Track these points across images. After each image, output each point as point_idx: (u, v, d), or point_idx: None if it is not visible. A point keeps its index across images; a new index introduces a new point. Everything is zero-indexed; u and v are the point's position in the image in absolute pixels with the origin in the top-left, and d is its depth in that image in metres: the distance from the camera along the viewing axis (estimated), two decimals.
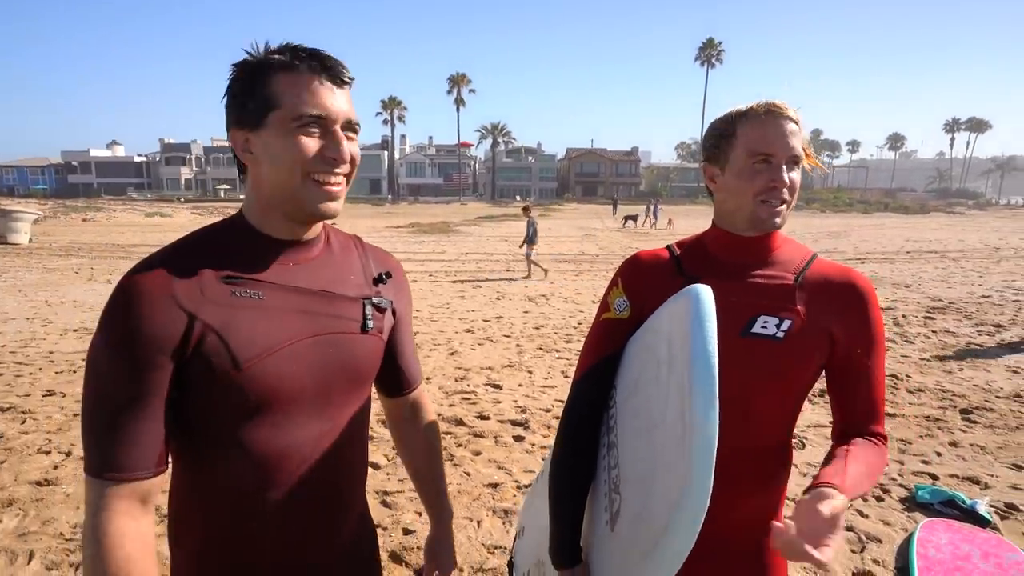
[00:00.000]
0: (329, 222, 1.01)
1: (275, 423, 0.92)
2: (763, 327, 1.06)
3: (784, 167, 1.06)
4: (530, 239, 11.83)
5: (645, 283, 1.16)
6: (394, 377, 1.19)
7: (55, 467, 3.52)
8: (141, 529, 0.84)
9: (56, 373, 5.30)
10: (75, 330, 6.93)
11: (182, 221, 28.44)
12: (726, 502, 1.04)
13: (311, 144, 0.88)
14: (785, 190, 1.07)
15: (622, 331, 1.15)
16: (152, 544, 0.86)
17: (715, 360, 0.82)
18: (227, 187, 68.16)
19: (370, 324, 1.02)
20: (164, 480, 0.89)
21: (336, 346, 0.97)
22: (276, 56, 0.88)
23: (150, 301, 0.83)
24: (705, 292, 0.90)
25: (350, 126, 0.92)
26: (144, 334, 0.82)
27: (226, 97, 0.91)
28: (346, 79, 0.91)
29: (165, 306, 0.83)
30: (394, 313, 1.11)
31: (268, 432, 0.92)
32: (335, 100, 0.89)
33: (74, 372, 5.30)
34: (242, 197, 1.00)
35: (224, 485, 0.92)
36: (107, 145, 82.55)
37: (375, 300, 1.04)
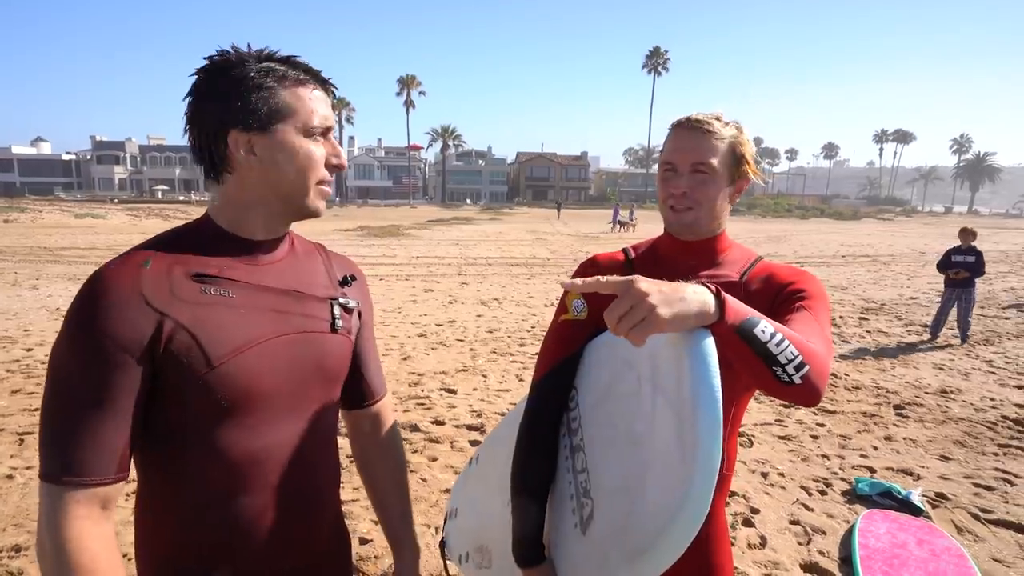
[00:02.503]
0: (294, 227, 1.03)
1: (249, 425, 0.91)
2: None
3: (688, 175, 1.13)
4: None
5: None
6: (356, 387, 1.16)
7: None
8: (104, 532, 0.81)
9: None
10: None
11: (116, 223, 27.05)
12: None
13: (320, 151, 0.94)
14: (687, 196, 1.13)
15: (581, 332, 1.17)
16: (116, 545, 0.83)
17: (719, 396, 0.82)
18: (165, 188, 65.37)
19: (339, 323, 1.03)
20: (126, 486, 0.86)
21: (308, 345, 0.98)
22: (284, 67, 0.91)
23: (119, 299, 0.81)
24: (711, 342, 0.87)
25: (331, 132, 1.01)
26: (112, 334, 0.80)
27: (220, 97, 0.89)
28: (335, 92, 0.99)
29: (134, 305, 0.82)
30: (360, 316, 1.11)
31: (242, 434, 0.91)
32: (330, 111, 0.96)
33: None
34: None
35: (197, 489, 0.91)
36: (31, 142, 77.89)
37: (342, 301, 1.05)
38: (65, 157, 73.65)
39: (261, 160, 0.91)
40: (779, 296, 1.11)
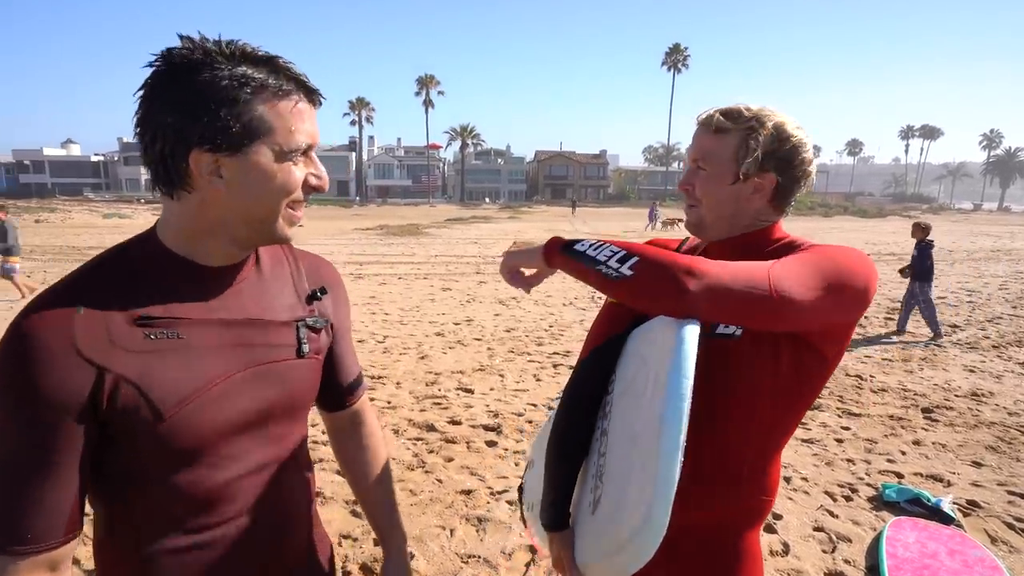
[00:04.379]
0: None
1: (211, 463, 0.85)
2: (725, 326, 1.04)
3: (691, 171, 1.13)
4: (8, 250, 8.84)
5: None
6: (335, 391, 1.11)
7: None
8: None
9: None
10: None
11: (142, 222, 27.56)
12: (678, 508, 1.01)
13: (299, 173, 0.83)
14: (689, 192, 1.13)
15: (624, 315, 1.16)
16: None
17: (684, 422, 0.85)
18: None
19: (306, 348, 0.94)
20: (79, 541, 0.81)
21: (271, 377, 0.90)
22: (261, 74, 0.77)
23: (49, 355, 0.72)
24: (690, 335, 0.87)
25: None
26: (44, 395, 0.72)
27: (182, 107, 0.75)
28: (322, 101, 0.86)
29: (67, 360, 0.72)
30: (331, 329, 1.04)
31: (204, 472, 0.85)
32: (315, 125, 0.84)
33: None
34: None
35: (162, 528, 0.85)
36: (62, 144, 79.66)
37: (309, 321, 0.96)
38: (94, 158, 75.15)
39: (228, 183, 0.78)
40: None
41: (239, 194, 0.80)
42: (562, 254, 0.99)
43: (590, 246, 0.96)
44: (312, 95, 0.83)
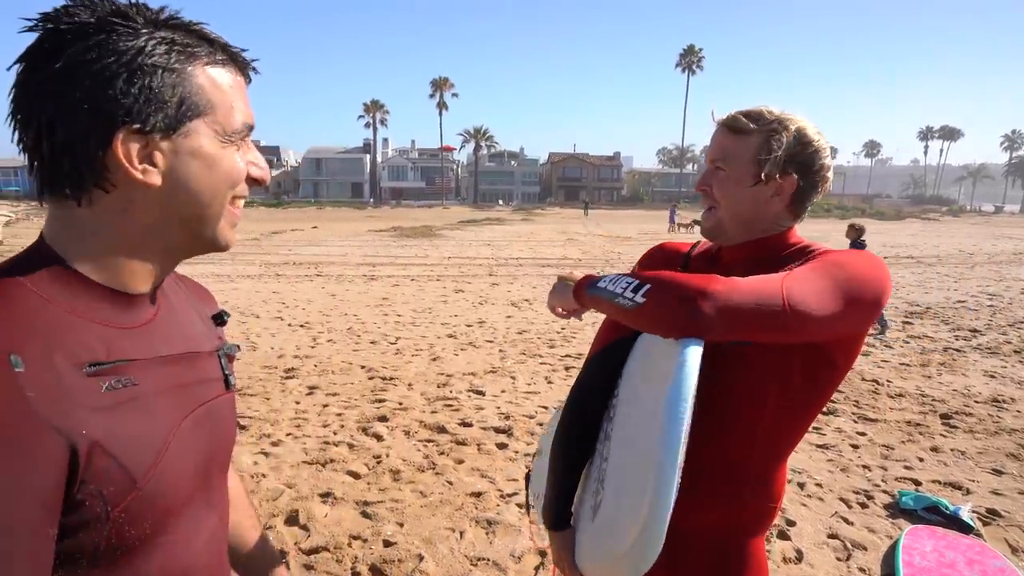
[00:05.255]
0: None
1: (170, 546, 0.68)
2: None
3: (709, 172, 1.12)
4: None
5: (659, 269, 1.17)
6: None
7: None
8: None
9: None
10: None
11: None
12: (681, 511, 1.00)
13: (240, 161, 0.69)
14: (707, 193, 1.12)
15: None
16: None
17: (682, 444, 0.87)
18: None
19: (232, 379, 0.80)
20: None
21: (210, 417, 0.74)
22: (191, 40, 0.64)
23: (7, 434, 0.51)
24: (692, 356, 0.88)
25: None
26: (15, 490, 0.51)
27: (97, 76, 0.58)
28: (250, 76, 0.71)
29: (33, 435, 0.52)
30: None
31: (164, 563, 0.67)
32: (250, 105, 0.70)
33: None
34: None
35: None
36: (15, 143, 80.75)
37: (226, 349, 0.82)
38: None
39: (164, 174, 0.63)
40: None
41: (178, 188, 0.64)
42: (588, 293, 1.04)
43: (609, 281, 0.99)
44: (245, 68, 0.70)
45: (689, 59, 72.95)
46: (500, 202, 68.75)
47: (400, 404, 4.73)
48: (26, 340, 0.55)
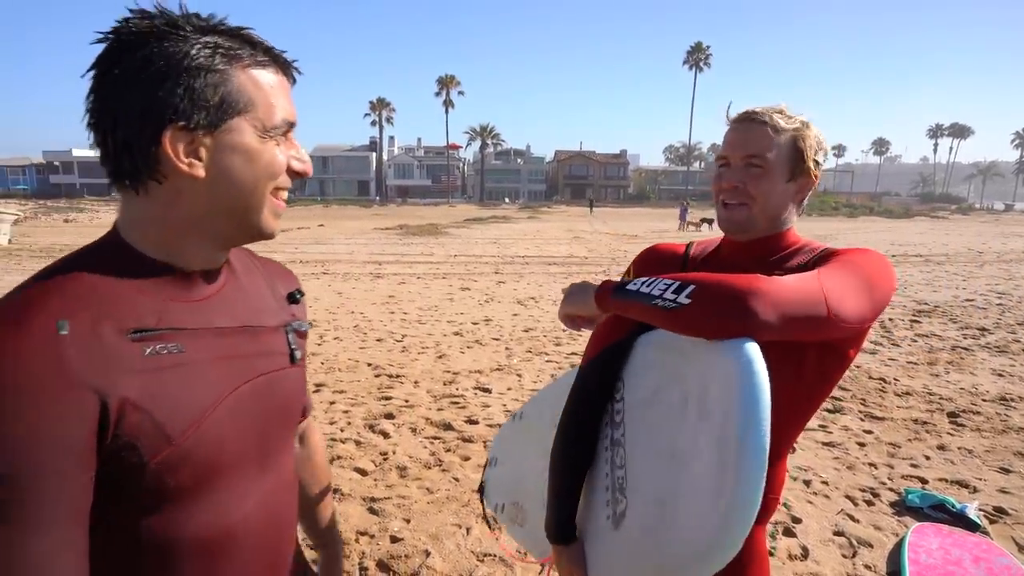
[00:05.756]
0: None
1: (217, 502, 0.74)
2: None
3: (741, 169, 1.09)
4: None
5: (652, 274, 1.15)
6: None
7: None
8: None
9: None
10: None
11: None
12: None
13: (281, 155, 0.75)
14: (739, 191, 1.09)
15: (627, 322, 1.15)
16: None
17: (767, 444, 0.82)
18: None
19: (298, 355, 0.86)
20: None
21: (271, 388, 0.81)
22: (234, 44, 0.70)
23: (38, 386, 0.58)
24: (757, 358, 0.84)
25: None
26: (39, 436, 0.58)
27: (149, 79, 0.65)
28: (296, 77, 0.79)
29: (62, 389, 0.59)
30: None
31: (210, 517, 0.73)
32: (292, 104, 0.76)
33: None
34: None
35: (160, 571, 0.72)
36: (90, 145, 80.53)
37: (295, 325, 0.89)
38: None
39: (207, 167, 0.69)
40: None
41: (220, 179, 0.71)
42: (615, 298, 1.00)
43: (643, 283, 0.96)
44: (287, 69, 0.76)
45: (696, 56, 72.72)
46: (506, 200, 68.80)
47: (407, 401, 4.75)
48: (77, 309, 0.63)
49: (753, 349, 0.84)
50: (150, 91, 0.65)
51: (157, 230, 0.72)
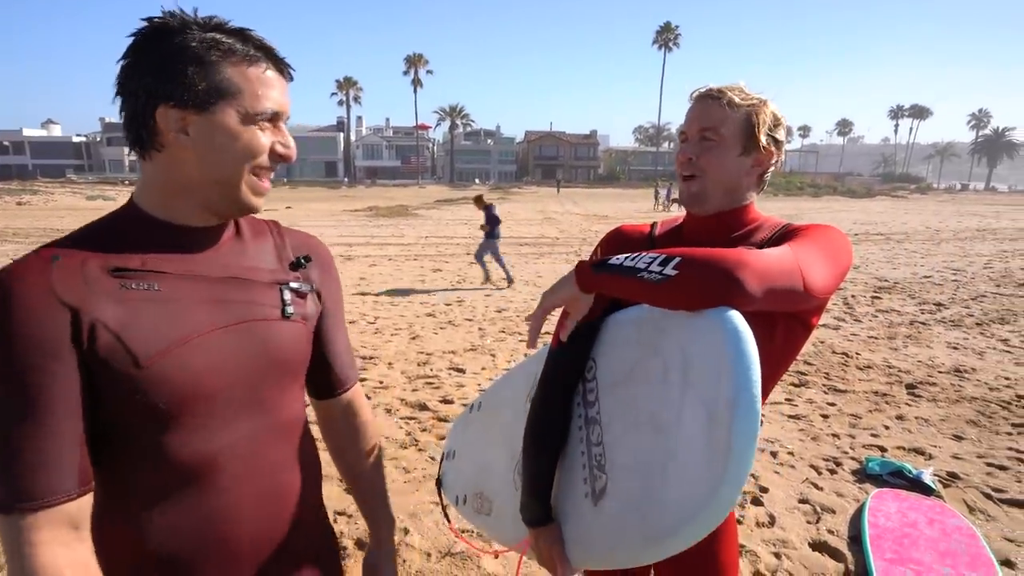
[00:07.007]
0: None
1: (198, 425, 0.84)
2: None
3: (696, 143, 1.12)
4: None
5: (618, 254, 1.16)
6: (324, 375, 1.08)
7: None
8: (79, 557, 0.75)
9: None
10: None
11: None
12: None
13: (264, 139, 0.85)
14: (693, 163, 1.12)
15: (596, 303, 1.15)
16: (96, 570, 0.77)
17: (759, 406, 0.84)
18: None
19: (290, 310, 0.94)
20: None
21: (255, 334, 0.89)
22: (231, 40, 0.82)
23: (27, 301, 0.73)
24: (743, 326, 0.87)
25: (286, 120, 0.92)
26: (27, 337, 0.73)
27: (145, 61, 0.80)
28: (292, 75, 0.90)
29: (45, 304, 0.74)
30: (319, 298, 1.03)
31: (190, 436, 0.84)
32: (285, 96, 0.87)
33: None
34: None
35: (152, 499, 0.83)
36: (42, 124, 78.15)
37: (293, 285, 0.97)
38: (75, 139, 73.77)
39: (194, 142, 0.81)
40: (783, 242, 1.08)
41: (204, 154, 0.82)
42: (597, 273, 0.97)
43: (626, 259, 0.95)
44: (281, 65, 0.87)
45: (665, 36, 72.67)
46: (476, 181, 68.35)
47: (381, 383, 4.75)
48: (72, 250, 0.80)
49: (737, 315, 0.87)
50: (154, 76, 0.79)
51: (158, 192, 0.86)
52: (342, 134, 74.93)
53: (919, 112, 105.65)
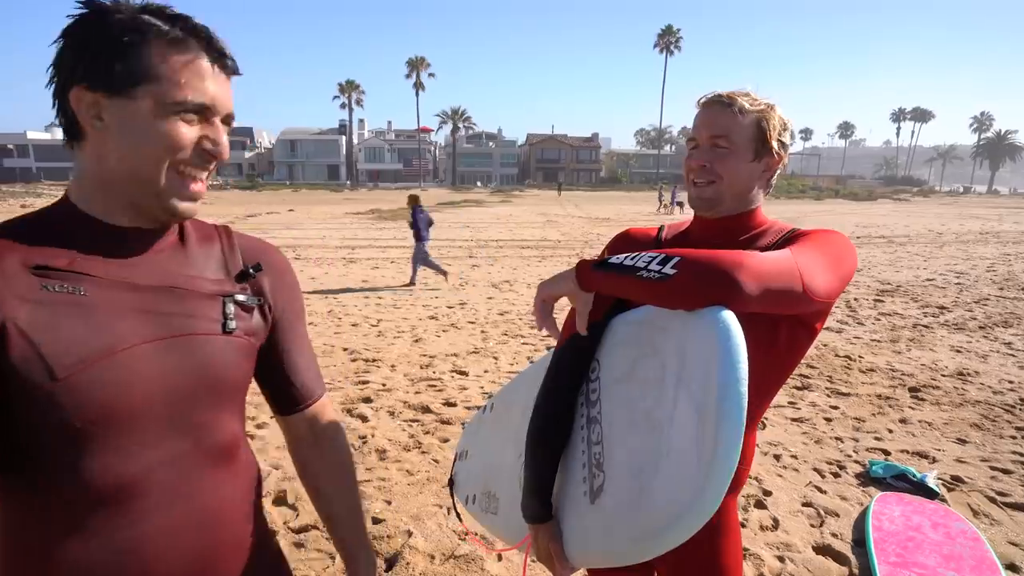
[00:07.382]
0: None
1: (117, 446, 0.76)
2: None
3: (708, 149, 1.13)
4: None
5: None
6: (284, 390, 1.00)
7: None
8: None
9: None
10: None
11: None
12: None
13: (188, 134, 0.77)
14: (706, 169, 1.13)
15: (601, 304, 1.16)
16: None
17: (744, 408, 0.84)
18: None
19: (232, 324, 0.85)
20: None
21: (190, 350, 0.81)
22: (160, 22, 0.74)
23: None
24: (734, 325, 0.87)
25: (227, 120, 0.82)
26: None
27: (69, 41, 0.74)
28: (236, 69, 0.81)
29: None
30: (269, 311, 0.94)
31: (109, 458, 0.76)
32: (221, 90, 0.79)
33: None
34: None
35: (68, 528, 0.75)
36: (46, 127, 78.30)
37: (239, 297, 0.88)
38: None
39: (109, 129, 0.75)
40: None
41: (118, 144, 0.75)
42: (596, 271, 0.98)
43: (626, 258, 0.96)
44: (218, 57, 0.78)
45: (667, 39, 72.79)
46: (478, 184, 68.37)
47: (384, 385, 4.75)
48: None
49: (729, 315, 0.87)
50: (66, 55, 0.74)
51: (84, 185, 0.79)
52: (344, 137, 74.99)
53: (921, 115, 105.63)
